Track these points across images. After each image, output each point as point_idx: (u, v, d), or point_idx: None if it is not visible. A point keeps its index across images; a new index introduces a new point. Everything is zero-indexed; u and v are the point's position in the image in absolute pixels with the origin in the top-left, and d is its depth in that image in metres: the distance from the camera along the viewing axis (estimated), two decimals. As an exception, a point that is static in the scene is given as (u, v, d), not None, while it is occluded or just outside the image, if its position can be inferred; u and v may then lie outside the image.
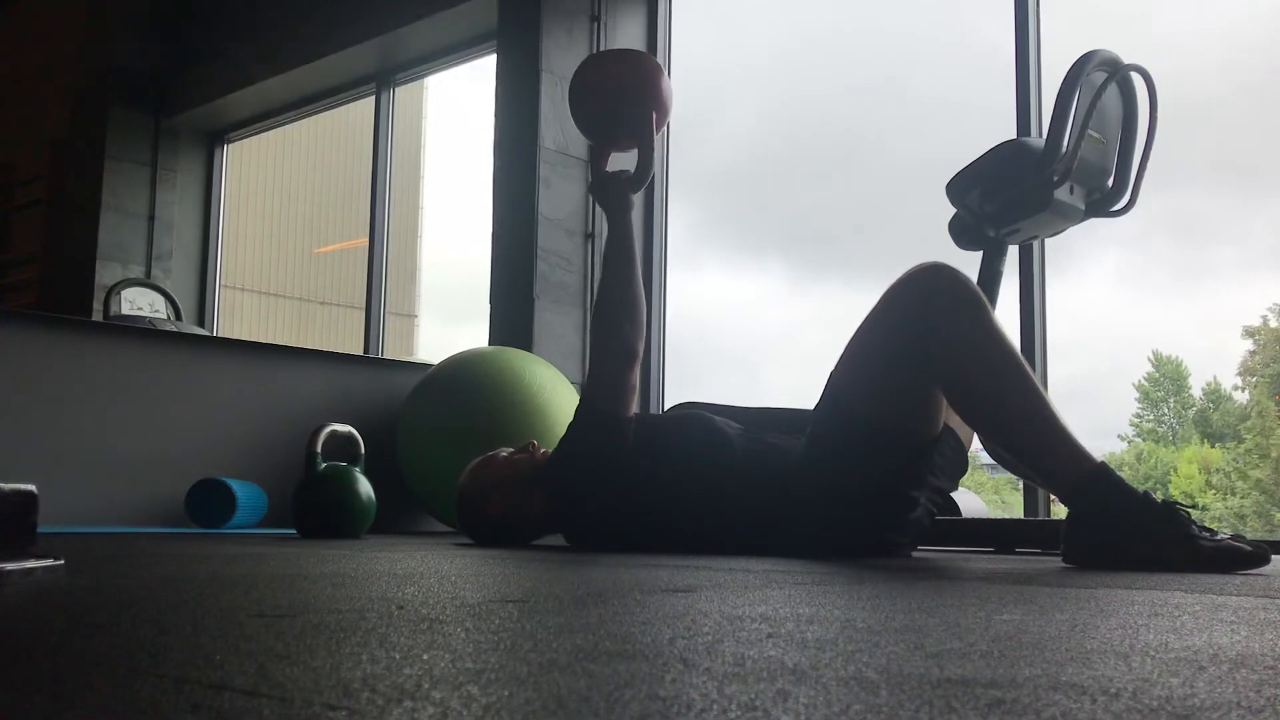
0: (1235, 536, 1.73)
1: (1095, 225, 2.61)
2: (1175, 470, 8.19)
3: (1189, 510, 1.75)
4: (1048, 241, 2.77)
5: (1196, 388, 8.50)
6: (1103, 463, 1.82)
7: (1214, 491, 7.57)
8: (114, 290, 5.43)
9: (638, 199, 2.36)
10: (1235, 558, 1.68)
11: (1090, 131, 2.42)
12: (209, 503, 3.14)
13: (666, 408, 2.93)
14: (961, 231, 2.61)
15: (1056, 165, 2.40)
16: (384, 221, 5.60)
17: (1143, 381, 9.02)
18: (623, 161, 2.37)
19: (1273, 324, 6.76)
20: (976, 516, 2.92)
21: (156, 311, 5.44)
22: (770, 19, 5.26)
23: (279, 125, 6.52)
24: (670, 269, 4.59)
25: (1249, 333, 6.94)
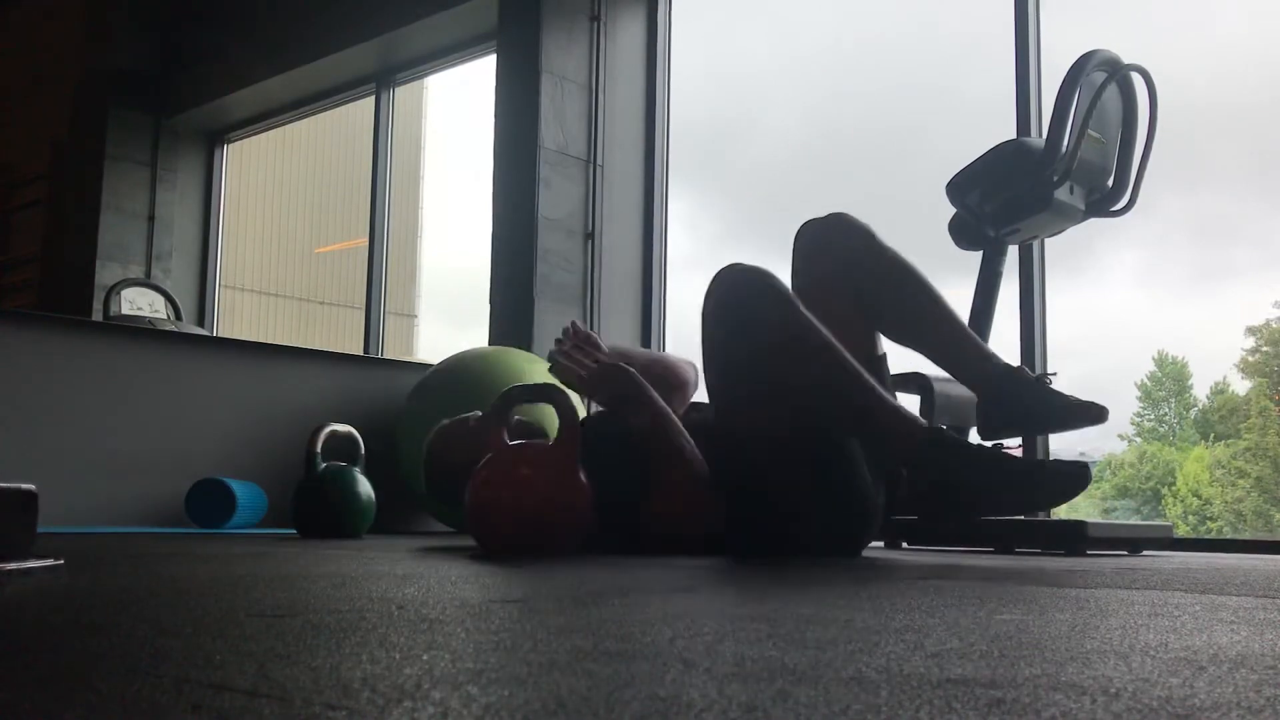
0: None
1: (1114, 225, 2.61)
2: (1181, 469, 8.19)
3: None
4: (1061, 240, 2.76)
5: (1201, 388, 8.52)
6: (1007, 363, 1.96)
7: (1216, 485, 7.58)
8: (114, 290, 5.43)
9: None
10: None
11: (1090, 131, 2.42)
12: (209, 503, 3.14)
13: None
14: (961, 231, 2.61)
15: (1056, 165, 2.40)
16: (384, 221, 5.60)
17: (1145, 381, 9.04)
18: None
19: (1274, 324, 6.77)
20: (976, 516, 2.91)
21: (156, 311, 5.44)
22: (814, 18, 5.26)
23: (279, 125, 6.52)
24: (699, 271, 4.60)
25: (1252, 331, 6.95)
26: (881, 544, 2.71)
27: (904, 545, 2.75)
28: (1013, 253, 2.73)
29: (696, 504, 2.00)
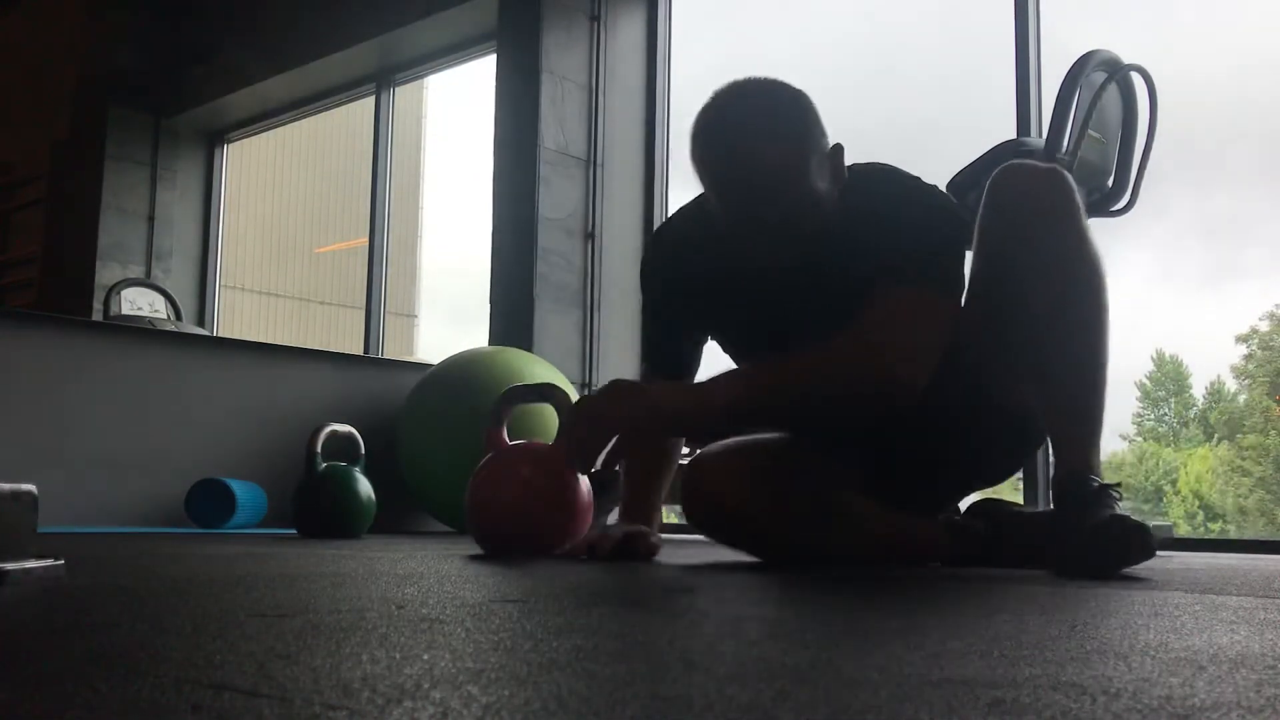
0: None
1: (1123, 224, 2.61)
2: (1184, 468, 8.21)
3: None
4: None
5: (1200, 388, 8.55)
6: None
7: (1218, 486, 7.62)
8: (114, 290, 5.42)
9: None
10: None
11: (1090, 131, 2.42)
12: (209, 503, 3.14)
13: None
14: (961, 231, 2.61)
15: (1056, 165, 2.40)
16: (384, 221, 5.60)
17: (1144, 381, 9.05)
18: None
19: (1263, 329, 6.82)
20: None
21: (156, 311, 5.44)
22: (818, 17, 5.24)
23: (279, 125, 6.52)
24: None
25: (1241, 339, 7.01)
26: None
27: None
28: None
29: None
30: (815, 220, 1.60)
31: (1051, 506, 1.67)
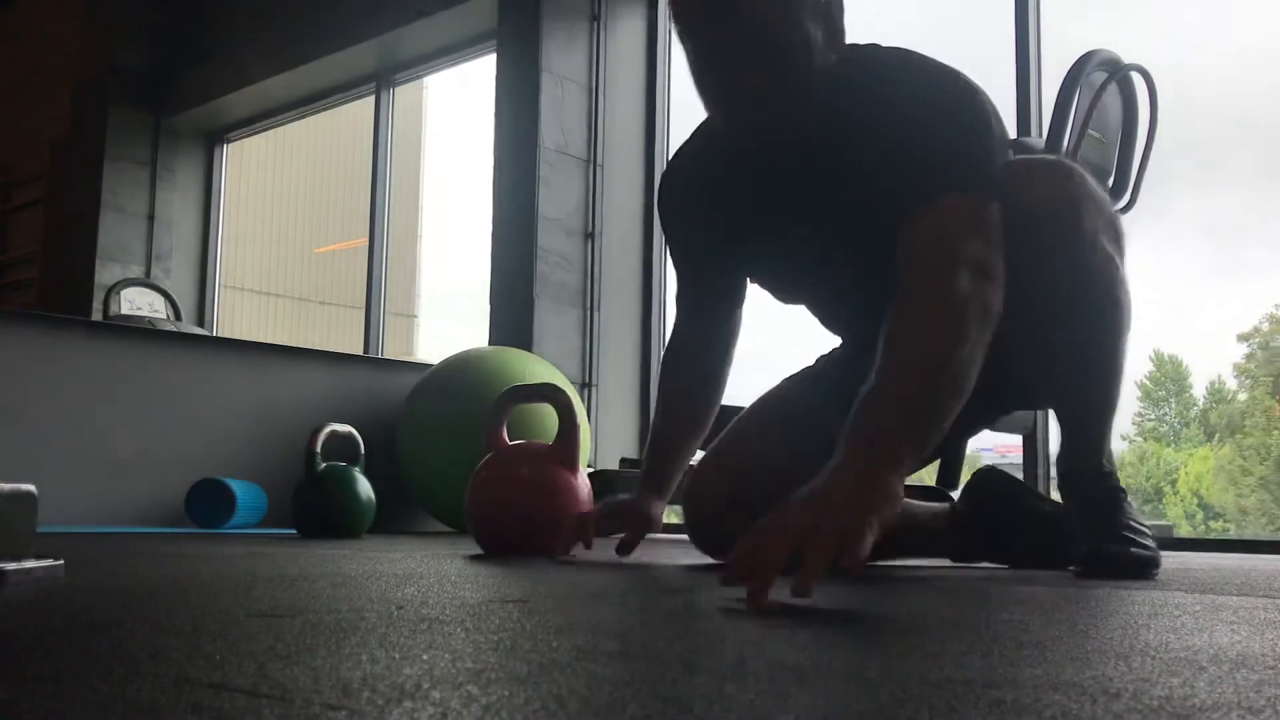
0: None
1: (1127, 224, 2.61)
2: (1184, 468, 8.22)
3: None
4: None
5: (1200, 388, 8.56)
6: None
7: (1219, 486, 7.63)
8: (114, 290, 5.43)
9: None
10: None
11: (1090, 131, 2.42)
12: (209, 503, 3.14)
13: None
14: (961, 231, 2.60)
15: (1056, 165, 2.40)
16: (384, 221, 5.60)
17: (1144, 381, 9.05)
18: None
19: (1264, 328, 6.83)
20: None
21: (156, 311, 5.45)
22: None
23: (279, 125, 6.52)
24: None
25: (1243, 337, 7.01)
26: None
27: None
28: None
29: None
30: (806, 72, 1.43)
31: (1055, 493, 1.68)
